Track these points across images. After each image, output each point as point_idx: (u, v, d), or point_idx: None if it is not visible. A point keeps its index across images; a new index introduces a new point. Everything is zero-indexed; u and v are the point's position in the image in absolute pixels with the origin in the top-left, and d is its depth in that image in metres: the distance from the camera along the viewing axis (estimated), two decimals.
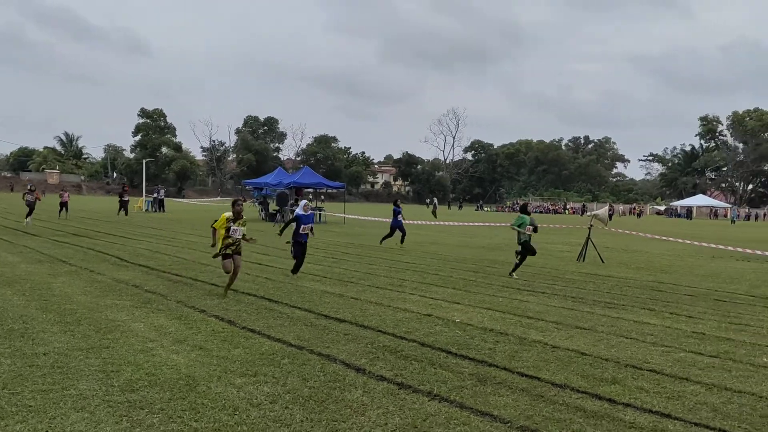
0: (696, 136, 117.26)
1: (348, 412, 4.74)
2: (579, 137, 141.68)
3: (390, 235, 19.72)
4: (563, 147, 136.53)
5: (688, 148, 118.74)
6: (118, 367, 5.62)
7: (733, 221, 68.19)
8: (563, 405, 5.07)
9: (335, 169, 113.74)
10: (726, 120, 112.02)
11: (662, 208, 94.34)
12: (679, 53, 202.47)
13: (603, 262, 16.81)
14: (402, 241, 19.65)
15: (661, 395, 5.43)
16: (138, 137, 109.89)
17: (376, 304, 9.28)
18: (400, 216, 19.65)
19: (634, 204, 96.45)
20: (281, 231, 12.49)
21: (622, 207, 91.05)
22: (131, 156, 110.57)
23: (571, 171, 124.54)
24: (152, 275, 11.53)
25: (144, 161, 65.11)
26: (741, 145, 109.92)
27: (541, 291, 11.36)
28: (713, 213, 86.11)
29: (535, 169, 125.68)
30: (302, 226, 12.09)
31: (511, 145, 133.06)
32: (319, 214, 35.27)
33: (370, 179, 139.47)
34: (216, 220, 9.65)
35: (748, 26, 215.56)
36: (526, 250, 13.27)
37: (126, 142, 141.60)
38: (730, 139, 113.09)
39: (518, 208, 14.63)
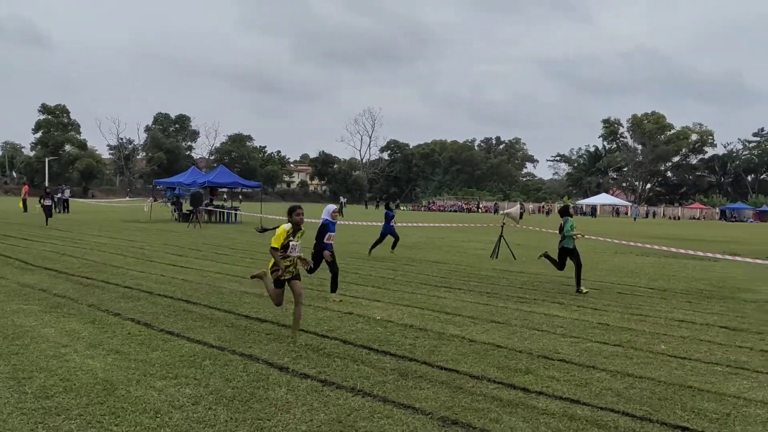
0: (599, 137, 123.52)
1: (273, 410, 4.77)
2: (491, 138, 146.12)
3: (380, 241, 17.75)
4: (476, 147, 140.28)
5: (592, 149, 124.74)
6: (29, 374, 5.41)
7: (635, 219, 72.17)
8: (481, 395, 5.30)
9: (250, 168, 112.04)
10: (626, 122, 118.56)
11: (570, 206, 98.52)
12: (583, 57, 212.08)
13: (515, 258, 17.44)
14: (393, 247, 18.07)
15: (570, 383, 5.76)
16: (39, 134, 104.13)
17: None
18: (393, 221, 17.76)
19: (543, 203, 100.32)
20: (316, 248, 10.03)
21: (531, 206, 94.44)
22: (31, 154, 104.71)
23: (483, 171, 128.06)
24: (60, 279, 11.04)
25: (46, 160, 61.86)
26: (640, 147, 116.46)
27: (458, 288, 11.69)
28: (615, 211, 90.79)
29: (450, 169, 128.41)
30: (328, 234, 10.19)
31: (426, 145, 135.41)
32: (234, 214, 34.71)
33: (287, 178, 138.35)
34: (274, 236, 7.02)
35: (646, 35, 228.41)
36: (563, 256, 11.90)
37: (25, 139, 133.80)
38: (630, 141, 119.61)
39: (560, 211, 12.55)
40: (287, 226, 7.05)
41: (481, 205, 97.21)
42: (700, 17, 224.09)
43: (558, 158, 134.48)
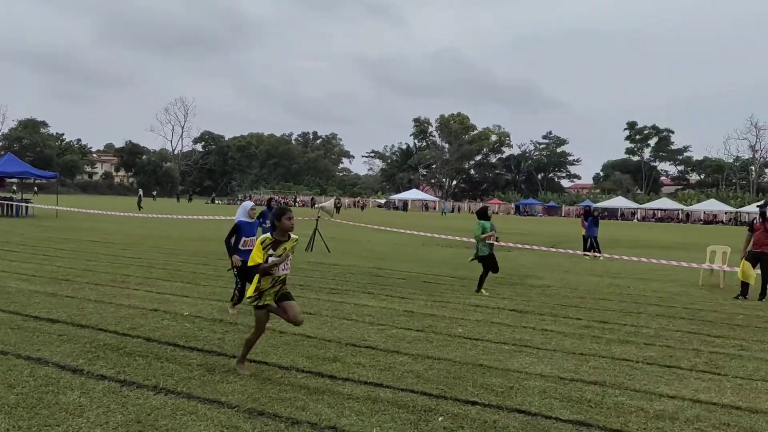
0: (411, 135, 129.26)
1: (63, 415, 4.43)
2: (308, 132, 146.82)
3: None
4: (293, 141, 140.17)
5: (404, 147, 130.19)
6: None
7: (443, 213, 76.72)
8: (289, 385, 5.35)
9: (45, 157, 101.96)
10: (435, 122, 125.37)
11: (383, 201, 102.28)
12: (396, 58, 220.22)
13: (329, 251, 17.75)
14: None
15: (375, 368, 6.01)
16: None
17: (96, 302, 8.68)
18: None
19: (358, 197, 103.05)
20: (229, 250, 8.42)
21: (347, 200, 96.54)
22: None
23: (300, 165, 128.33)
24: None
25: None
26: (447, 146, 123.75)
27: None
28: (425, 206, 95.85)
29: (267, 163, 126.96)
30: (243, 239, 8.43)
31: (243, 138, 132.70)
32: (25, 207, 31.48)
33: (88, 169, 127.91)
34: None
35: (454, 39, 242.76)
36: (487, 264, 11.18)
37: None
38: (438, 140, 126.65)
39: (476, 213, 11.49)
40: (262, 236, 5.60)
41: (298, 199, 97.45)
42: (501, 28, 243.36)
43: (372, 154, 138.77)
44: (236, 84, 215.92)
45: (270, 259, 5.36)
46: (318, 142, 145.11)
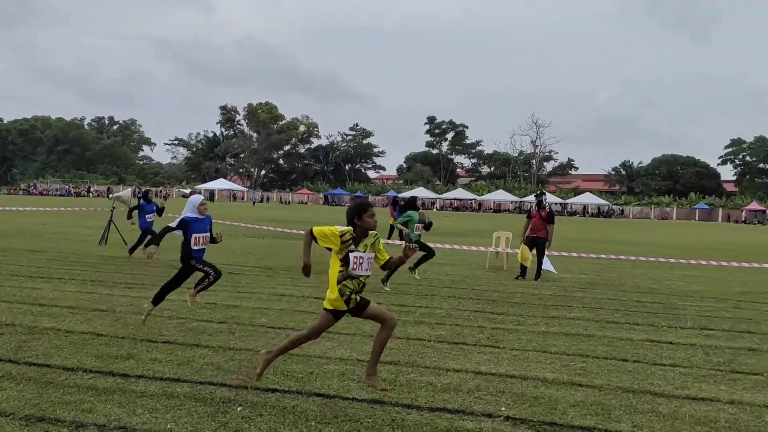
0: (217, 123, 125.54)
1: None
2: (103, 117, 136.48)
3: (141, 242, 14.30)
4: (86, 126, 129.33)
5: (210, 135, 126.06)
6: None
7: (253, 203, 75.61)
8: (74, 387, 4.99)
9: None
10: (242, 110, 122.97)
11: (187, 191, 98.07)
12: (199, 43, 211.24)
13: (126, 244, 16.68)
14: (146, 246, 14.12)
15: (173, 363, 5.81)
16: None
17: None
18: (151, 216, 14.45)
19: (161, 187, 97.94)
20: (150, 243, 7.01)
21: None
22: None
23: (95, 152, 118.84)
24: None
25: None
26: (255, 135, 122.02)
27: (57, 277, 10.73)
28: (233, 196, 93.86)
29: (55, 149, 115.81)
30: (194, 236, 7.42)
31: (25, 121, 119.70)
32: None
33: None
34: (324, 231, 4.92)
35: (259, 27, 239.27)
36: (423, 247, 12.13)
37: None
38: (246, 129, 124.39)
39: (405, 203, 12.80)
40: (341, 228, 4.89)
41: (92, 189, 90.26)
42: (304, 18, 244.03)
43: (176, 142, 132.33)
44: (18, 62, 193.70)
45: (351, 256, 4.81)
46: (115, 127, 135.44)
